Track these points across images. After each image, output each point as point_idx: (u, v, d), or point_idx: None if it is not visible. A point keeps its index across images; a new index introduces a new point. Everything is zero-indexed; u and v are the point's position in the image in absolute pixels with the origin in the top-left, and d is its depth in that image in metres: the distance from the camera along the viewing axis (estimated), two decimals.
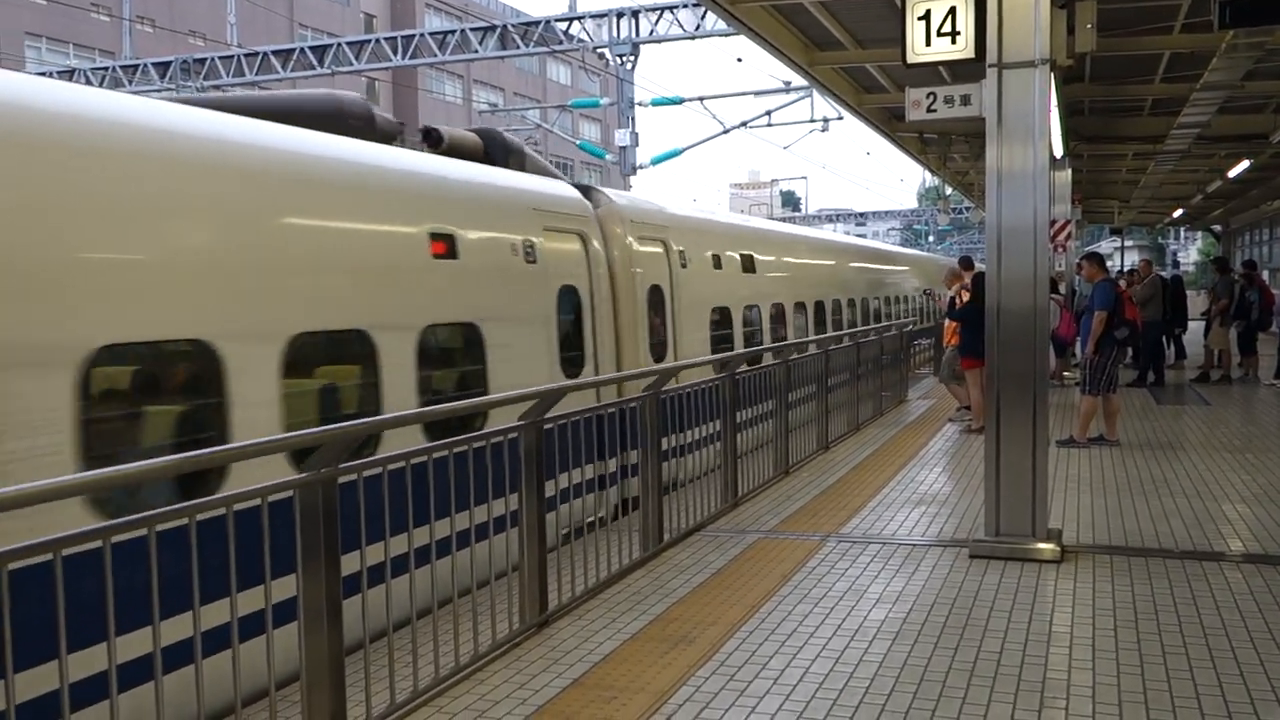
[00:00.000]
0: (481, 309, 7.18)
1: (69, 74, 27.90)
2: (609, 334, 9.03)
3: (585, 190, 9.52)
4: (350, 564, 4.08)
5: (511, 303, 7.63)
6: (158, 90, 25.94)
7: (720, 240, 12.28)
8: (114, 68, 27.87)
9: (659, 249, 10.16)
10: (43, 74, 25.83)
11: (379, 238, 6.41)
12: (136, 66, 27.41)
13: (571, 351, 8.39)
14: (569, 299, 8.41)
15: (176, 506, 3.39)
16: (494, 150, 8.99)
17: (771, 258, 14.12)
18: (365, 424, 4.44)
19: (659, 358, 9.80)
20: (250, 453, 3.88)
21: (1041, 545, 6.46)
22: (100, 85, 25.90)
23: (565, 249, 8.47)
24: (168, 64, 26.98)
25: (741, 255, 12.59)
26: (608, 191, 9.85)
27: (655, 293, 9.91)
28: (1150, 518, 7.53)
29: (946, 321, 13.62)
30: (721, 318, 11.74)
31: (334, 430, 4.05)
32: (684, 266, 10.55)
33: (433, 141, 8.50)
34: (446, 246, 6.87)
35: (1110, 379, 10.72)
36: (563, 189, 9.08)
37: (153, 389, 4.98)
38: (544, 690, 4.56)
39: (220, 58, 26.84)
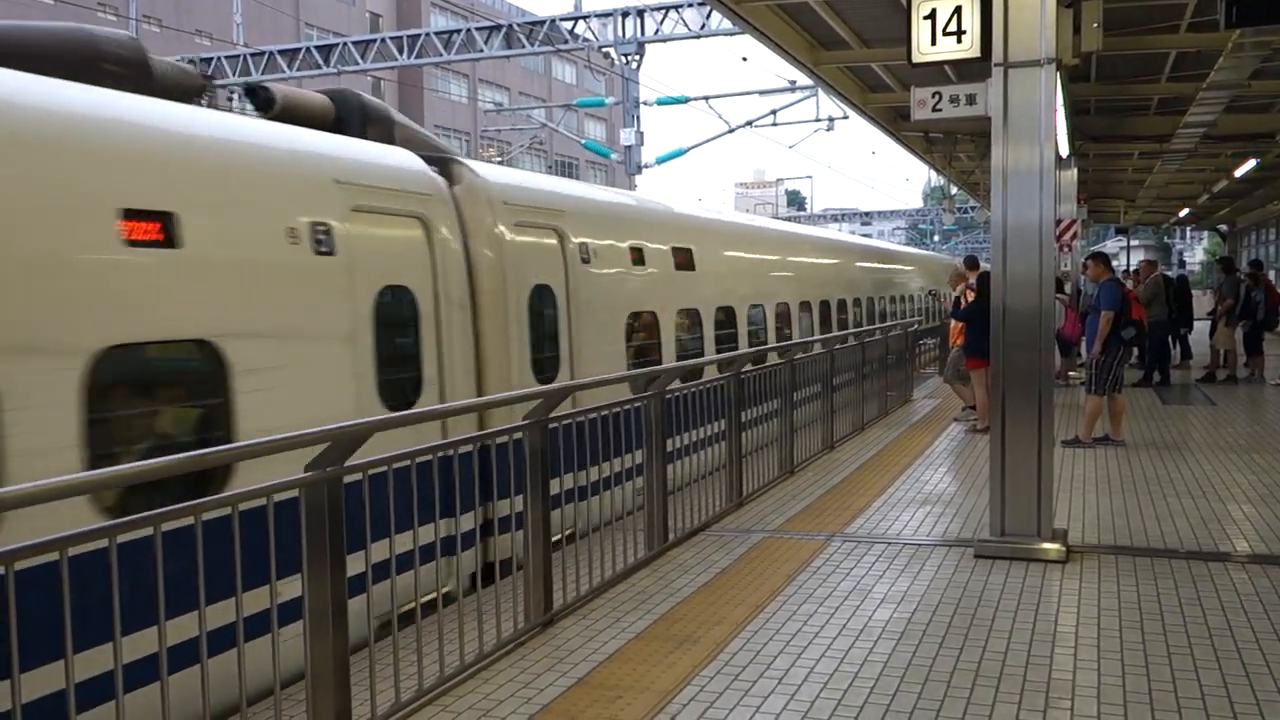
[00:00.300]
0: (220, 320, 5.12)
1: None
2: (463, 350, 6.98)
3: (442, 163, 7.44)
4: (355, 564, 4.08)
5: (281, 311, 5.59)
6: None
7: (643, 230, 10.18)
8: None
9: (550, 240, 8.22)
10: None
11: (20, 217, 4.33)
12: None
13: (401, 373, 6.47)
14: (396, 305, 6.45)
15: (181, 505, 3.39)
16: (348, 116, 7.43)
17: (721, 253, 12.30)
18: (370, 422, 4.43)
19: (547, 377, 7.89)
20: (259, 451, 3.89)
21: (1047, 545, 6.46)
22: None
23: (390, 237, 6.45)
24: None
25: (675, 250, 10.62)
26: (474, 164, 7.78)
27: (543, 295, 8.00)
28: (1155, 518, 7.51)
29: (952, 322, 13.61)
30: (644, 325, 9.85)
31: (340, 429, 4.05)
32: (586, 262, 8.58)
33: (261, 104, 7.07)
34: (161, 229, 4.84)
35: (1116, 379, 10.70)
36: (397, 158, 6.96)
37: None
38: (548, 689, 4.56)
39: (226, 57, 26.91)
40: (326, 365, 5.82)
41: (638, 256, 9.73)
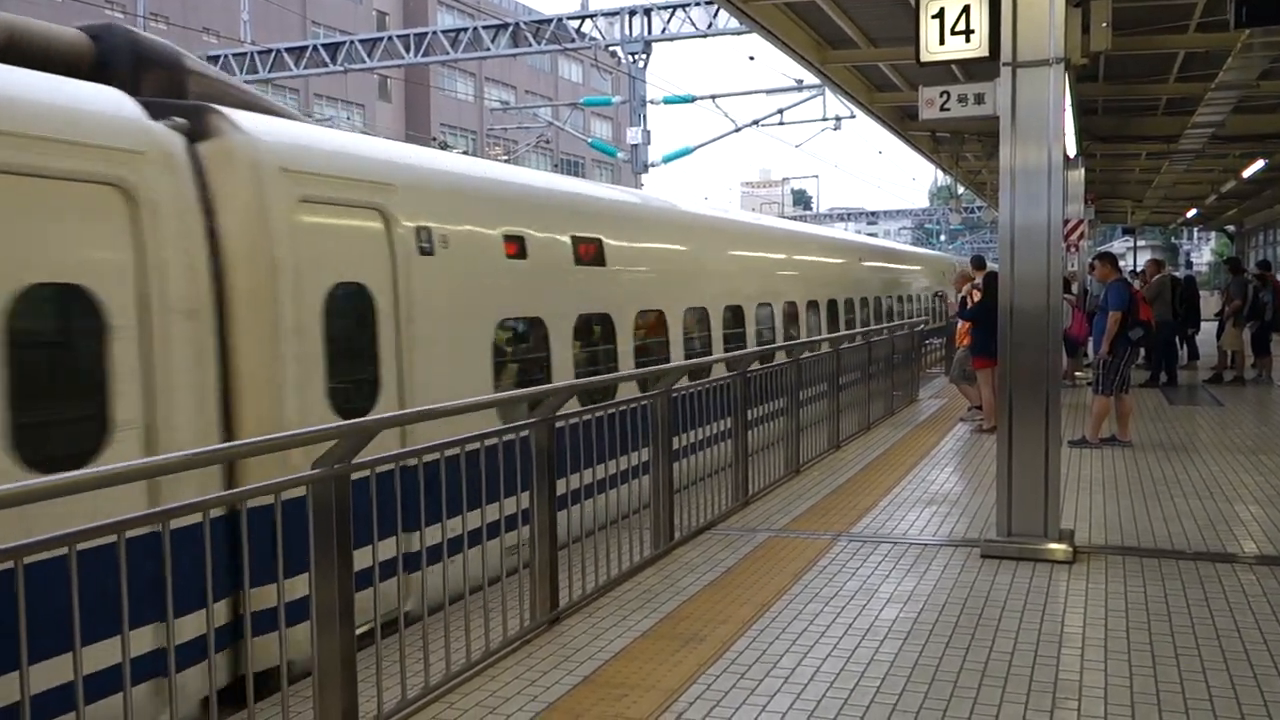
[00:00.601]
0: None
1: None
2: (192, 375, 4.99)
3: (195, 113, 5.39)
4: (362, 559, 4.09)
5: None
6: None
7: (521, 213, 7.95)
8: None
9: (368, 221, 6.16)
10: None
11: None
12: None
13: (59, 413, 4.66)
14: (55, 312, 4.69)
15: (190, 502, 3.40)
16: (113, 59, 5.70)
17: (643, 245, 10.03)
18: (383, 419, 4.43)
19: (357, 410, 5.83)
20: (264, 448, 3.90)
21: (1053, 546, 6.45)
22: None
23: (54, 210, 4.51)
24: None
25: (575, 239, 8.53)
26: (244, 116, 5.67)
27: (352, 298, 6.01)
28: (1163, 519, 7.50)
29: (959, 322, 13.59)
30: (525, 337, 7.97)
31: (349, 426, 4.06)
32: (427, 253, 6.54)
33: None
34: None
35: (1123, 380, 10.68)
36: (93, 101, 4.95)
37: None
38: (554, 688, 4.56)
39: (234, 55, 26.97)
40: None
41: (518, 247, 7.66)
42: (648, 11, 23.47)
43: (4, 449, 4.17)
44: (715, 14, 22.17)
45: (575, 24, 24.21)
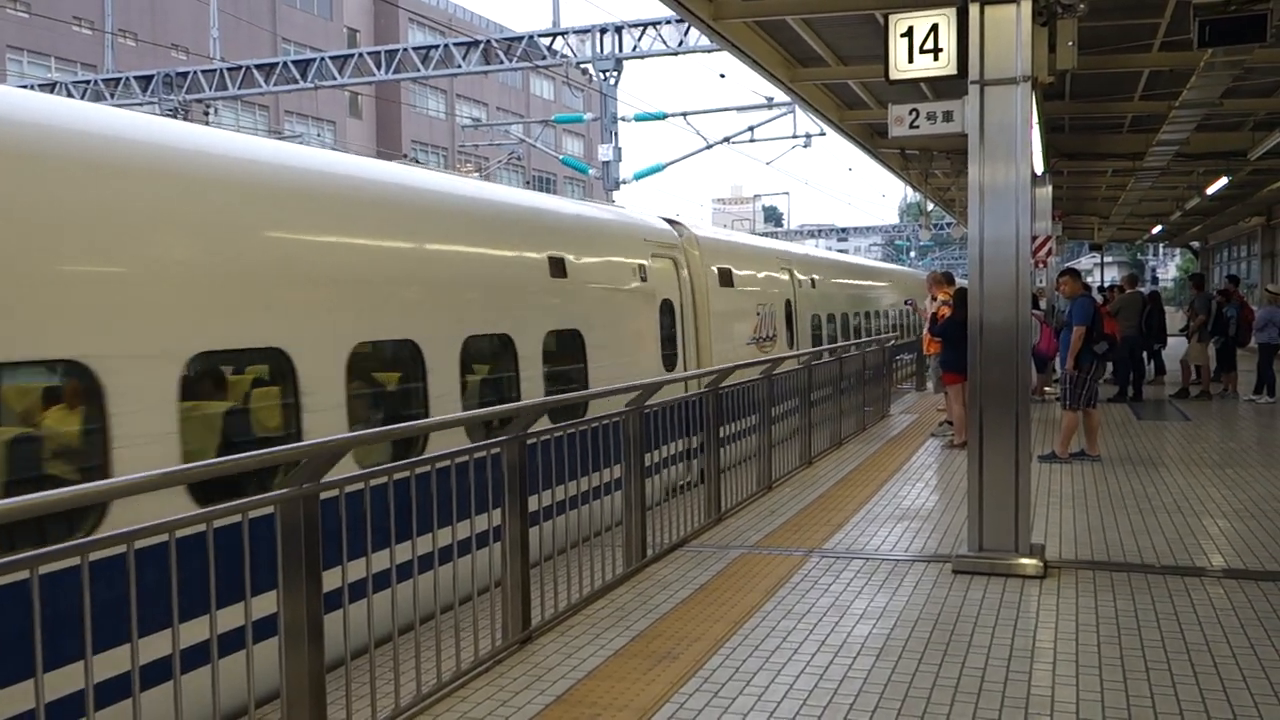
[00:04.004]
0: None
1: (50, 87, 27.76)
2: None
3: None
4: (331, 580, 4.04)
5: None
6: (140, 104, 25.83)
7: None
8: (96, 81, 27.75)
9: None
10: (25, 87, 25.69)
11: None
12: (118, 80, 27.30)
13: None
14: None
15: (156, 523, 3.35)
16: None
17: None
18: (347, 438, 4.40)
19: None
20: (250, 465, 3.86)
21: (1024, 560, 6.47)
22: (82, 99, 25.76)
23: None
24: (150, 77, 26.88)
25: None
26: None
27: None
28: (1132, 533, 7.55)
29: (925, 332, 13.69)
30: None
31: (316, 445, 4.02)
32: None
33: None
34: None
35: (1090, 394, 10.77)
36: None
37: None
38: (526, 708, 4.52)
39: (203, 71, 26.77)
40: None
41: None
42: (619, 29, 23.53)
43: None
44: (686, 32, 22.26)
45: (547, 41, 24.24)
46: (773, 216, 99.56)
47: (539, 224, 9.07)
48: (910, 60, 6.79)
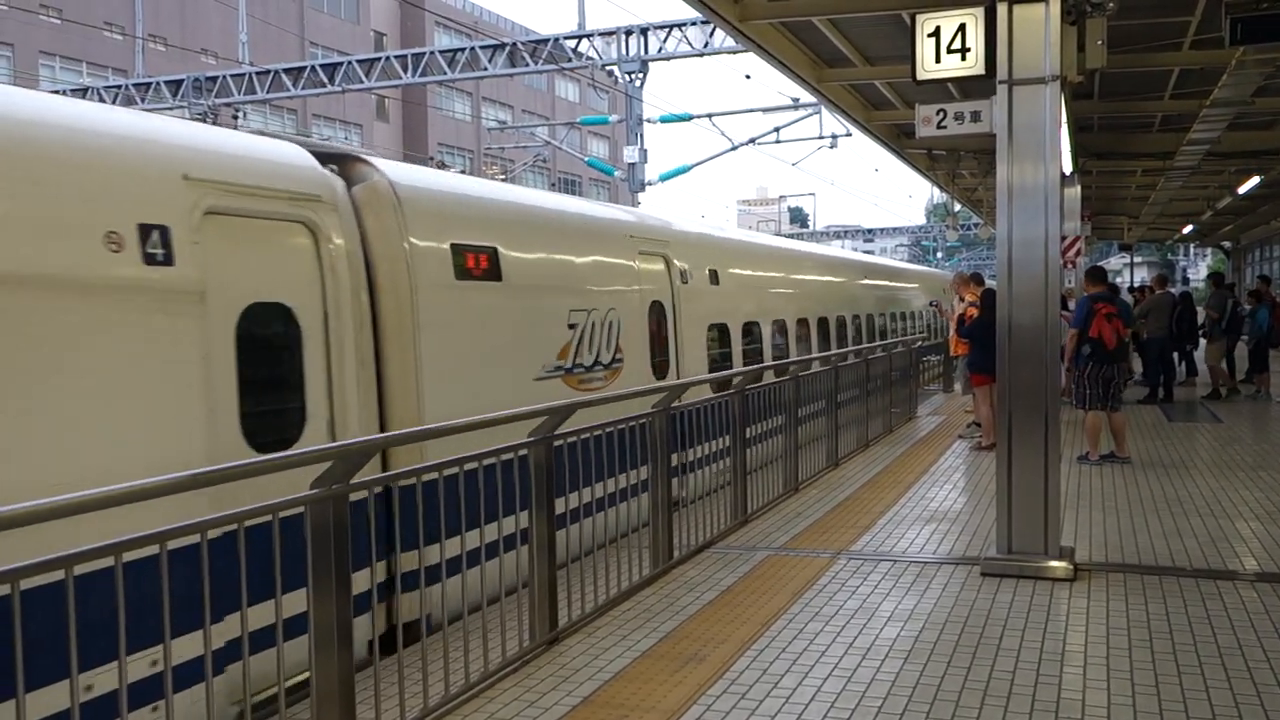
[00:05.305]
0: None
1: (82, 92, 28.07)
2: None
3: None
4: (361, 581, 4.06)
5: None
6: (170, 108, 26.08)
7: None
8: (127, 86, 28.06)
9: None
10: (57, 92, 26.01)
11: None
12: (149, 85, 27.60)
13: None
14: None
15: (189, 523, 3.38)
16: None
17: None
18: (378, 439, 4.42)
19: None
20: (266, 468, 3.88)
21: (1054, 563, 6.43)
22: (114, 103, 26.04)
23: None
24: (180, 82, 27.16)
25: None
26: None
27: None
28: (1163, 535, 7.48)
29: (952, 333, 13.61)
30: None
31: (344, 446, 4.04)
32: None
33: None
34: None
35: (1107, 395, 10.67)
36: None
37: None
38: (554, 709, 4.53)
39: (232, 75, 27.01)
40: None
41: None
42: (644, 31, 23.54)
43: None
44: (711, 33, 22.24)
45: (572, 44, 24.28)
46: (798, 218, 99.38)
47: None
48: (938, 60, 6.75)
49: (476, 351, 7.04)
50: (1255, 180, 19.68)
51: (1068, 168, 14.33)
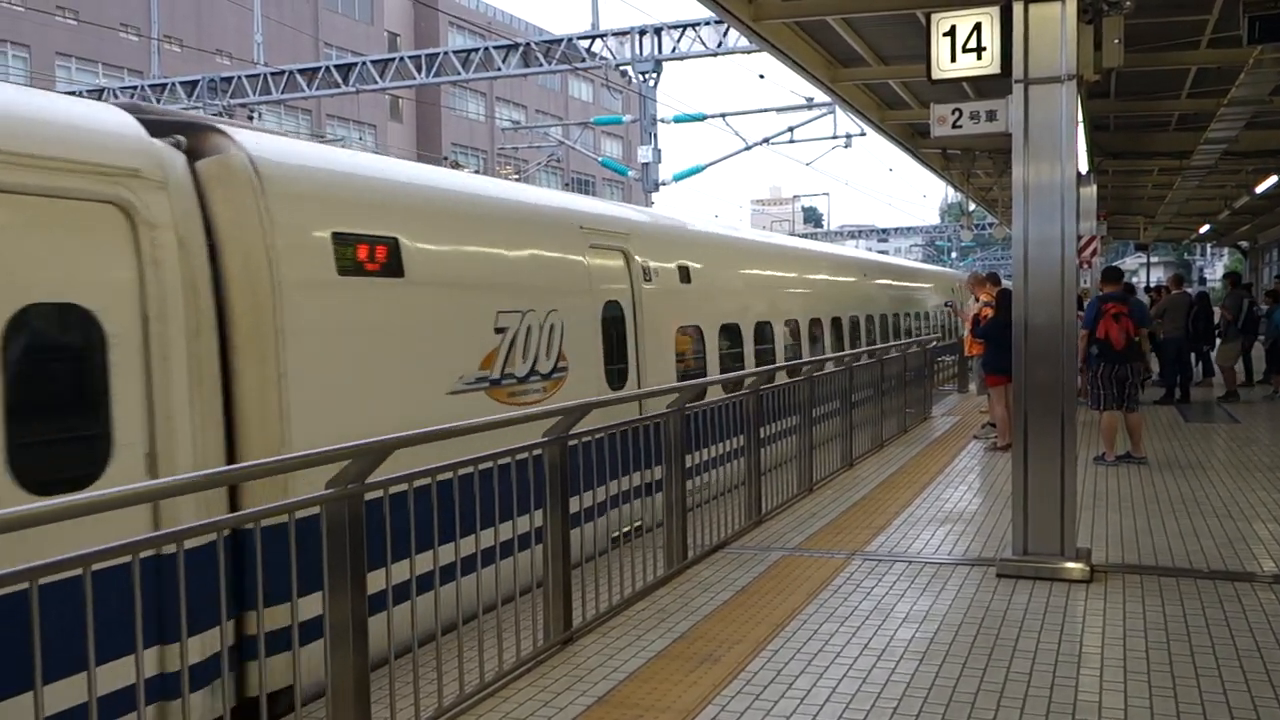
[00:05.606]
0: None
1: (98, 93, 28.23)
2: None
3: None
4: (375, 581, 4.07)
5: None
6: (185, 108, 26.21)
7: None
8: (142, 86, 28.20)
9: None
10: (72, 93, 26.15)
11: None
12: (164, 85, 27.73)
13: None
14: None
15: (205, 522, 3.39)
16: None
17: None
18: (392, 439, 4.42)
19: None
20: (273, 469, 3.89)
21: (1070, 564, 6.39)
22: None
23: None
24: (195, 83, 27.29)
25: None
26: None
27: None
28: (1180, 536, 7.44)
29: (967, 333, 13.57)
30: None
31: (360, 446, 4.05)
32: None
33: None
34: None
35: (1122, 396, 10.63)
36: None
37: None
38: (568, 708, 4.53)
39: (246, 76, 27.12)
40: None
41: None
42: (658, 31, 23.53)
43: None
44: (725, 33, 22.21)
45: (586, 44, 24.28)
46: (812, 217, 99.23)
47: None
48: (953, 59, 6.73)
49: (367, 362, 5.88)
50: (1273, 179, 19.54)
51: (1084, 167, 14.28)
